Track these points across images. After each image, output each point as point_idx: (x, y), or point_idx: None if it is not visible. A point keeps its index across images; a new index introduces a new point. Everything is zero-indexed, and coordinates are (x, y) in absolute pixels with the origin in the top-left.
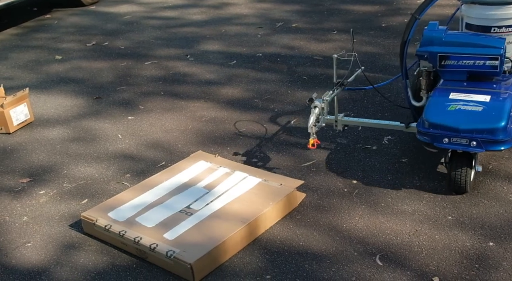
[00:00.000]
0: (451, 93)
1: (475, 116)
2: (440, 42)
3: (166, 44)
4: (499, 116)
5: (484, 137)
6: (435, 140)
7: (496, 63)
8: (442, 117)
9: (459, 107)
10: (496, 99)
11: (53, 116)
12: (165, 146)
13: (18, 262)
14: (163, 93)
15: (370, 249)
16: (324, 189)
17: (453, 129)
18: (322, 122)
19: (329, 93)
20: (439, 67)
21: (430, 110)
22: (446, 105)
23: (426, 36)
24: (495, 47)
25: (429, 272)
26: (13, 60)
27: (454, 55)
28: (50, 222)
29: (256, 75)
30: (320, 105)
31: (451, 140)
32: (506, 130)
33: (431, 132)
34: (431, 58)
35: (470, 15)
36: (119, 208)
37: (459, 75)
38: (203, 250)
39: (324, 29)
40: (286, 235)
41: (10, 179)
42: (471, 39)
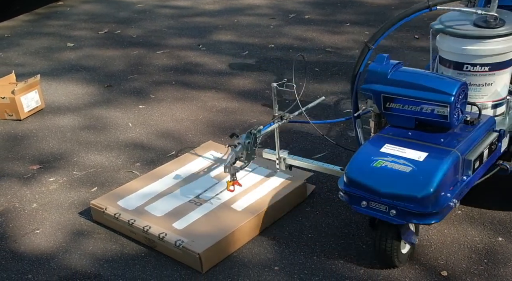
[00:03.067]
0: (385, 145)
1: (398, 178)
2: (385, 81)
3: (178, 33)
4: (426, 182)
5: (405, 206)
6: (353, 202)
7: (445, 111)
8: (363, 173)
9: (385, 165)
10: (431, 159)
11: (64, 103)
12: (176, 136)
13: (27, 248)
14: (174, 82)
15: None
16: (333, 182)
17: (372, 191)
18: (247, 160)
19: (259, 127)
20: (384, 110)
21: (353, 163)
22: (372, 159)
23: (370, 71)
24: (444, 93)
25: (438, 266)
26: (25, 46)
27: (400, 98)
28: (59, 210)
29: (267, 66)
30: (244, 142)
31: (370, 204)
32: (434, 200)
33: (350, 191)
34: (375, 98)
35: (441, 48)
36: (129, 196)
37: (405, 122)
38: (211, 240)
39: (337, 21)
40: (295, 226)
41: (20, 165)
42: (422, 79)
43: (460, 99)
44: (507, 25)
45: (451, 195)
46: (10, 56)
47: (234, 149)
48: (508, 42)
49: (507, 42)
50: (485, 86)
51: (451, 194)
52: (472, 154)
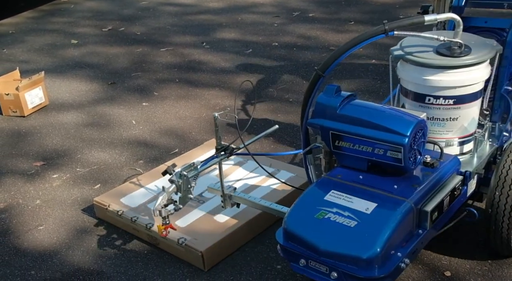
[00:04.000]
0: (331, 191)
1: (341, 234)
2: (334, 116)
3: (182, 31)
4: (372, 240)
5: (347, 269)
6: (291, 259)
7: (399, 154)
8: (303, 226)
9: (328, 216)
10: (380, 211)
11: (68, 100)
12: (179, 134)
13: (30, 244)
14: (178, 80)
15: None
16: None
17: (312, 248)
18: (181, 203)
19: (193, 165)
20: (333, 148)
21: (293, 213)
22: (315, 209)
23: (318, 103)
24: (398, 133)
25: (441, 267)
26: (29, 43)
27: (349, 136)
28: (62, 206)
29: (271, 64)
30: (177, 181)
31: (309, 263)
32: (381, 262)
33: (288, 246)
34: (323, 134)
35: (402, 77)
36: (132, 194)
37: (357, 163)
38: (214, 238)
39: (341, 19)
40: None
41: (24, 162)
42: (374, 116)
43: (417, 140)
44: (473, 53)
45: (402, 254)
46: (15, 52)
47: (166, 189)
48: (474, 72)
49: (474, 72)
50: (449, 121)
51: (402, 252)
52: (430, 204)
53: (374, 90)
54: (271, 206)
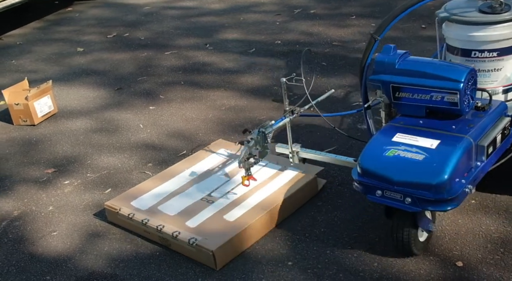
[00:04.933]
0: (397, 134)
1: (412, 167)
2: (393, 71)
3: (185, 33)
4: (440, 169)
5: (420, 194)
6: (367, 192)
7: (455, 98)
8: (376, 163)
9: (398, 153)
10: (444, 146)
11: (76, 107)
12: (186, 135)
13: (45, 250)
14: (183, 82)
15: None
16: (345, 175)
17: (386, 180)
18: (260, 157)
19: (270, 123)
20: (394, 100)
21: (366, 153)
22: (385, 149)
23: (378, 62)
24: (453, 80)
25: (453, 257)
26: (37, 53)
27: (409, 87)
28: (75, 211)
29: (275, 62)
30: (256, 137)
31: (385, 193)
32: (449, 187)
33: (363, 181)
34: (384, 88)
35: (448, 35)
36: (142, 197)
37: (416, 110)
38: (224, 238)
39: (343, 14)
40: (307, 221)
41: (36, 169)
42: (430, 68)
43: (470, 86)
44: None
45: (466, 181)
46: (23, 63)
47: (247, 144)
48: None
49: None
50: (494, 72)
51: (465, 180)
52: (485, 140)
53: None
54: (337, 157)
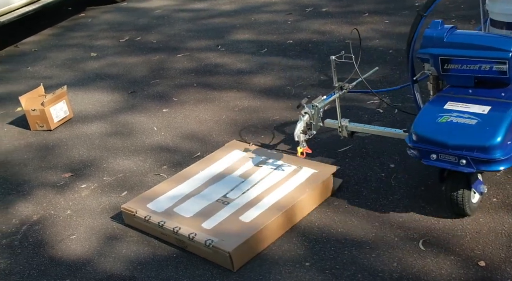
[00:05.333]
0: (448, 102)
1: (466, 131)
2: (442, 44)
3: (197, 35)
4: (493, 132)
5: (474, 156)
6: (422, 156)
7: (504, 67)
8: (430, 130)
9: (451, 120)
10: (495, 111)
11: (91, 111)
12: (200, 137)
13: (64, 254)
14: (196, 84)
15: (411, 234)
16: (361, 174)
17: (441, 144)
18: (314, 129)
19: (322, 98)
20: (442, 72)
21: (419, 121)
22: (437, 116)
23: (426, 36)
24: (502, 50)
25: (475, 257)
26: (51, 59)
27: (457, 58)
28: (92, 215)
29: (287, 62)
30: (310, 111)
31: (439, 156)
32: (502, 147)
33: (418, 146)
34: (433, 61)
35: (493, 10)
36: (158, 199)
37: (464, 81)
38: (241, 239)
39: (355, 11)
40: (324, 221)
41: (53, 174)
42: (477, 39)
43: None
44: None
45: None
46: (38, 69)
47: (302, 118)
48: None
49: None
50: None
51: None
52: None
53: (393, 81)
54: (385, 130)
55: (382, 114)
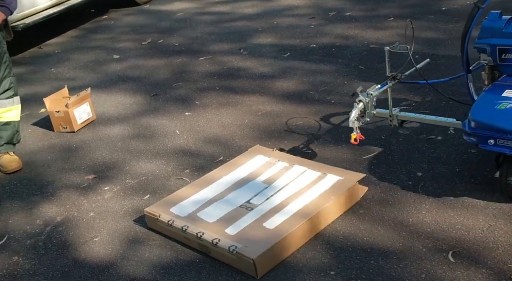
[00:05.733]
0: (506, 90)
1: None
2: (501, 34)
3: (219, 39)
4: None
5: None
6: (480, 141)
7: None
8: (488, 116)
9: (510, 106)
10: None
11: (114, 114)
12: (223, 141)
13: (88, 256)
14: (218, 88)
15: (440, 245)
16: (387, 182)
17: (499, 130)
18: (367, 117)
19: (376, 87)
20: (499, 61)
21: (476, 108)
22: (496, 103)
23: (485, 27)
24: None
25: (508, 270)
26: (74, 61)
27: None
28: (115, 217)
29: (311, 66)
30: (365, 99)
31: (497, 142)
32: None
33: (476, 132)
34: (491, 51)
35: None
36: (181, 203)
37: None
38: (265, 246)
39: (380, 16)
40: (349, 230)
41: (77, 175)
42: None
43: None
44: None
45: None
46: (61, 71)
47: (356, 106)
48: None
49: None
50: None
51: None
52: None
53: (420, 86)
54: (436, 119)
55: (429, 105)
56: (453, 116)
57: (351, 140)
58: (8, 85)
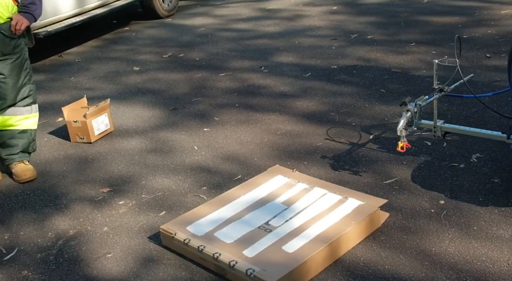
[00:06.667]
0: None
1: None
2: None
3: (240, 56)
4: None
5: None
6: None
7: None
8: None
9: None
10: None
11: (132, 126)
12: (241, 159)
13: (99, 273)
14: (238, 105)
15: (464, 277)
16: (409, 209)
17: None
18: (414, 126)
19: (424, 98)
20: None
21: None
22: None
23: None
24: None
25: None
26: (94, 71)
27: None
28: (129, 234)
29: (331, 87)
30: (413, 109)
31: None
32: None
33: None
34: None
35: None
36: (198, 222)
37: None
38: (284, 270)
39: (401, 40)
40: (370, 257)
41: (91, 188)
42: None
43: None
44: None
45: None
46: (81, 80)
47: (405, 115)
48: None
49: None
50: None
51: None
52: None
53: (442, 112)
54: (481, 131)
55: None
56: (498, 130)
57: (398, 148)
58: (27, 93)
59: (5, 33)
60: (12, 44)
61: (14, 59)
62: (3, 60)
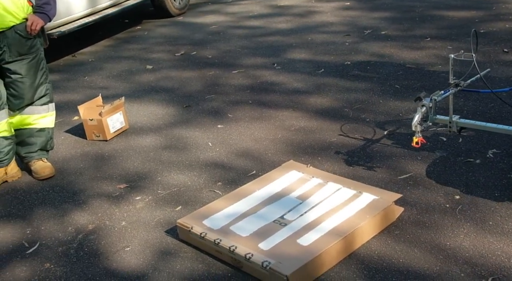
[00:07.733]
0: None
1: None
2: None
3: (252, 53)
4: None
5: None
6: None
7: None
8: None
9: None
10: None
11: (146, 124)
12: (255, 155)
13: (119, 265)
14: (251, 101)
15: (479, 271)
16: (424, 204)
17: None
18: (430, 121)
19: (440, 93)
20: None
21: None
22: None
23: None
24: None
25: None
26: (108, 70)
27: None
28: (147, 228)
29: (345, 84)
30: (428, 104)
31: None
32: None
33: None
34: None
35: None
36: (214, 216)
37: None
38: (299, 262)
39: (416, 36)
40: (385, 250)
41: (109, 184)
42: None
43: None
44: None
45: None
46: (95, 79)
47: (420, 110)
48: None
49: None
50: None
51: None
52: None
53: (457, 108)
54: (497, 126)
55: (489, 113)
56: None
57: (413, 143)
58: (44, 92)
59: (21, 33)
60: (28, 44)
61: (30, 59)
62: (20, 60)
